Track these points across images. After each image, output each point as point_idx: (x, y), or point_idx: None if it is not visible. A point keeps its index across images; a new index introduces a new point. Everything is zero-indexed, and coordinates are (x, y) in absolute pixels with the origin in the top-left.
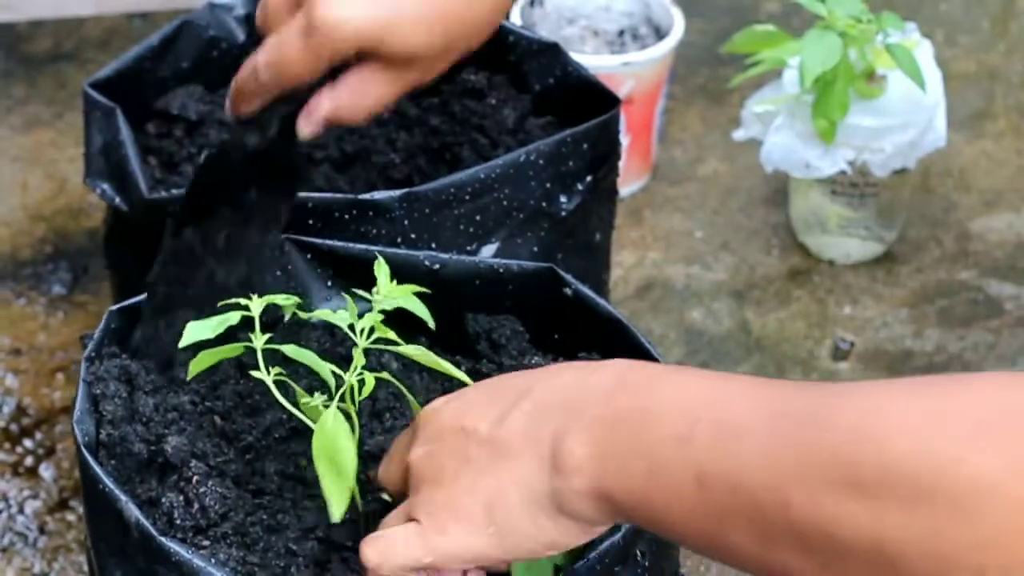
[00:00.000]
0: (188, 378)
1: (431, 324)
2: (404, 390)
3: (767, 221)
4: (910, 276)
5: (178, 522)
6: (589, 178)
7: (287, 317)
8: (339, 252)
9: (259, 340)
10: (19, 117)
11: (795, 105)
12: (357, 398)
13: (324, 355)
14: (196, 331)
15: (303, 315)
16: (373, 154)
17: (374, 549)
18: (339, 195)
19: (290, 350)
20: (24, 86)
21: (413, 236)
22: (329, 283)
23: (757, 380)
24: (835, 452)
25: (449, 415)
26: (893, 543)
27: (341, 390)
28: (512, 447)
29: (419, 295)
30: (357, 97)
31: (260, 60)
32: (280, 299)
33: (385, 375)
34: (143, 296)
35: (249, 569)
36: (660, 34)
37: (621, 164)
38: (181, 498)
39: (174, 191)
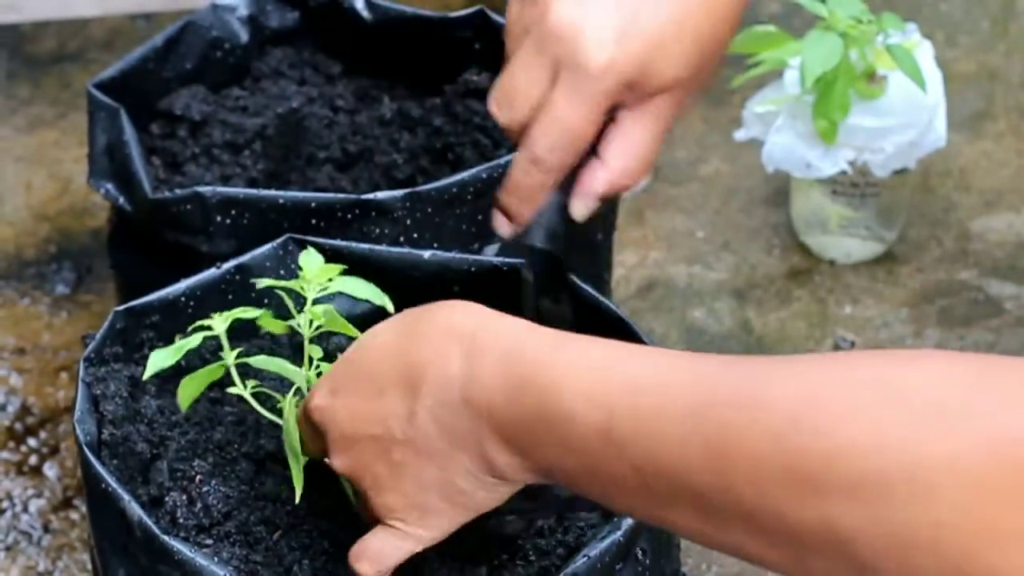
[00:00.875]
0: (184, 409)
1: (388, 305)
2: None
3: (768, 221)
4: (910, 276)
5: (181, 521)
6: None
7: (263, 329)
8: (343, 252)
9: (229, 356)
10: (23, 117)
11: (796, 105)
12: None
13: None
14: (158, 360)
15: (271, 326)
16: (376, 154)
17: (367, 563)
18: (342, 195)
19: (258, 361)
20: (28, 86)
21: (416, 236)
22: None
23: (656, 354)
24: (776, 440)
25: (345, 422)
26: (845, 527)
27: (295, 387)
28: (435, 445)
29: (414, 291)
30: (629, 158)
31: (535, 153)
32: (250, 313)
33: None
34: (150, 296)
35: (252, 568)
36: None
37: None
38: (184, 497)
39: (177, 191)
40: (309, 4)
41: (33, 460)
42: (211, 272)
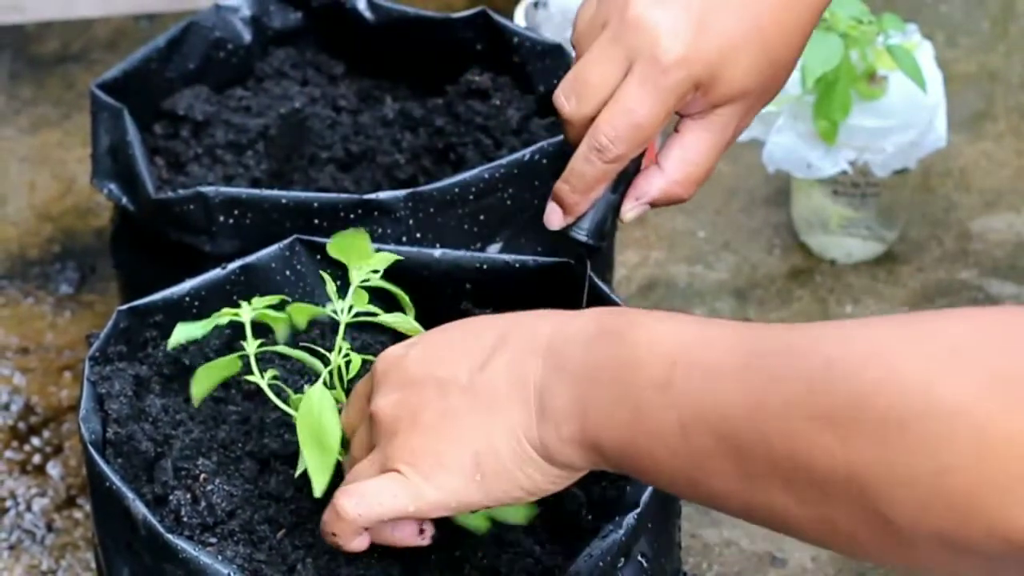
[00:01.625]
0: (196, 404)
1: (408, 305)
2: None
3: (769, 221)
4: (911, 276)
5: (185, 519)
6: None
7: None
8: None
9: (251, 346)
10: (27, 118)
11: (797, 106)
12: (345, 377)
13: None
14: (186, 331)
15: (302, 314)
16: (378, 154)
17: (352, 500)
18: (345, 195)
19: (282, 349)
20: (32, 87)
21: (418, 235)
22: (338, 283)
23: (734, 323)
24: (809, 384)
25: (417, 364)
26: (865, 472)
27: (327, 369)
28: (496, 396)
29: (425, 289)
30: (687, 168)
31: (601, 141)
32: (293, 306)
33: (371, 357)
34: (153, 296)
35: (256, 566)
36: None
37: None
38: (188, 496)
39: (180, 191)
40: (312, 5)
41: (37, 459)
42: (216, 272)
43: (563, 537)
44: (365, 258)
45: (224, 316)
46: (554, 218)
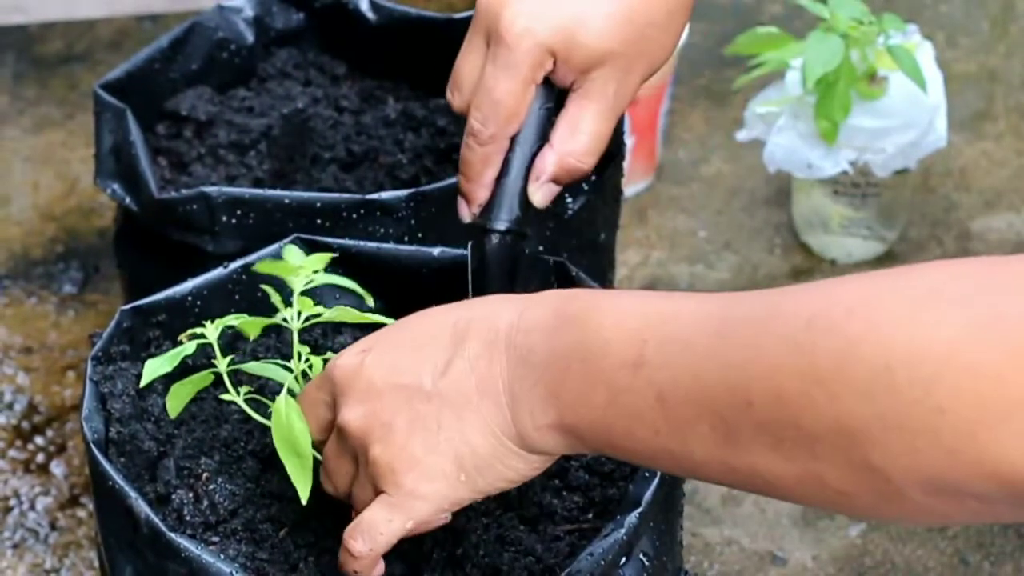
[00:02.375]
0: (172, 416)
1: (367, 298)
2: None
3: (770, 221)
4: None
5: (188, 518)
6: (594, 178)
7: (252, 336)
8: (351, 250)
9: (222, 364)
10: (31, 118)
11: (798, 106)
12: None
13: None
14: (153, 368)
15: (258, 322)
16: (380, 154)
17: (358, 541)
18: (347, 195)
19: (251, 367)
20: (36, 87)
21: (420, 235)
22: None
23: (697, 295)
24: (791, 343)
25: (376, 372)
26: (854, 423)
27: (291, 376)
28: (464, 398)
29: (424, 288)
30: (574, 137)
31: (472, 126)
32: (241, 320)
33: (330, 355)
34: (156, 296)
35: (258, 565)
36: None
37: (626, 164)
38: (191, 495)
39: (183, 191)
40: (314, 5)
41: (40, 458)
42: (218, 271)
43: (565, 535)
44: (293, 271)
45: (190, 344)
46: (462, 210)
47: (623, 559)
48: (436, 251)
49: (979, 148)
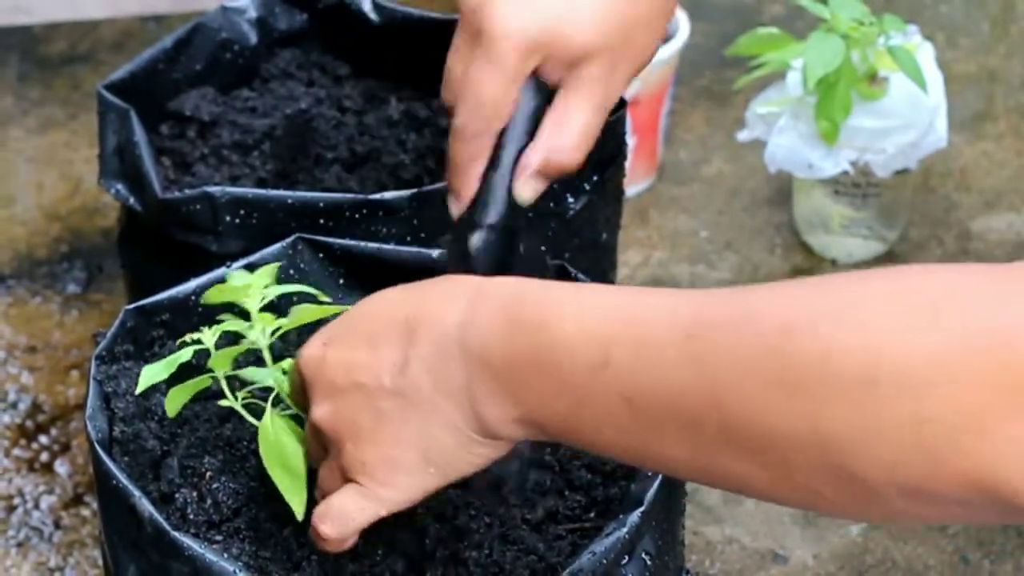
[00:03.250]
0: (172, 416)
1: (316, 293)
2: None
3: (770, 221)
4: None
5: (191, 517)
6: (596, 178)
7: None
8: (351, 251)
9: (220, 369)
10: (35, 118)
11: (798, 106)
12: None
13: None
14: (151, 374)
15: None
16: (383, 155)
17: (327, 523)
18: (350, 195)
19: (248, 373)
20: (39, 88)
21: (423, 235)
22: (341, 281)
23: (663, 291)
24: (767, 350)
25: (337, 369)
26: (836, 433)
27: (272, 395)
28: (424, 396)
29: None
30: (559, 132)
31: (458, 121)
32: (236, 325)
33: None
34: (160, 295)
35: (261, 563)
36: (665, 37)
37: (627, 165)
38: (194, 493)
39: (187, 191)
40: (317, 6)
41: (44, 457)
42: (221, 271)
43: (567, 534)
44: (240, 294)
45: (186, 351)
46: (452, 207)
47: (625, 558)
48: (435, 253)
49: (979, 148)
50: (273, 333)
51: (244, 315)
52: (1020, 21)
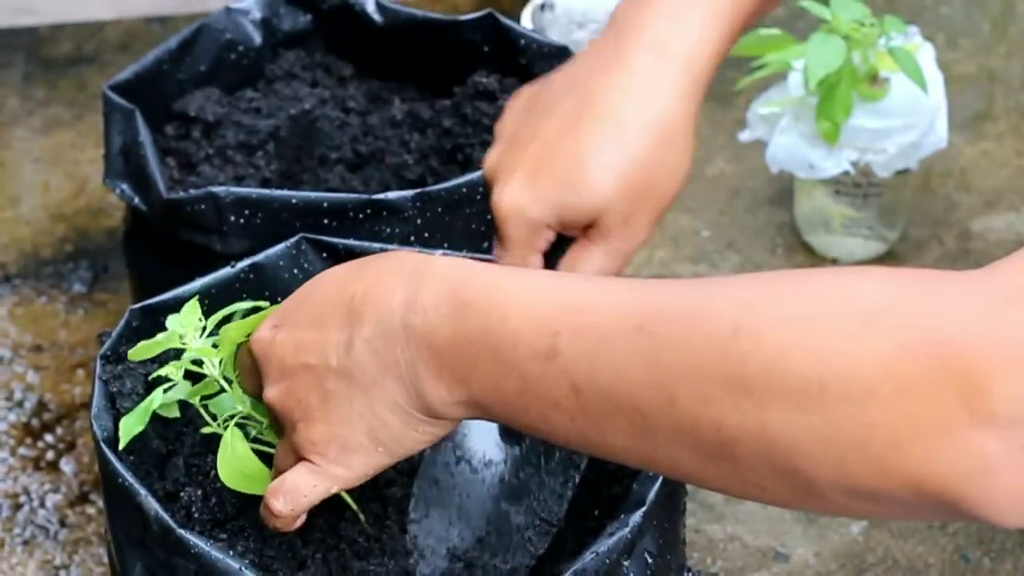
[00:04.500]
0: (122, 447)
1: (265, 306)
2: None
3: (772, 220)
4: None
5: (196, 515)
6: None
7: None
8: (354, 251)
9: (196, 397)
10: (40, 119)
11: (800, 107)
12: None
13: None
14: (129, 426)
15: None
16: (387, 155)
17: (279, 499)
18: (354, 195)
19: (214, 404)
20: (45, 88)
21: (426, 235)
22: None
23: (607, 280)
24: (718, 349)
25: (286, 350)
26: (783, 435)
27: (232, 421)
28: (368, 376)
29: None
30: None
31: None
32: (203, 354)
33: None
34: (165, 295)
35: (266, 561)
36: None
37: None
38: (199, 492)
39: (191, 191)
40: (321, 7)
41: (50, 456)
42: (225, 271)
43: (569, 534)
44: (172, 341)
45: (157, 395)
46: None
47: (627, 557)
48: (438, 254)
49: (979, 148)
50: (223, 362)
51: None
52: (1020, 22)
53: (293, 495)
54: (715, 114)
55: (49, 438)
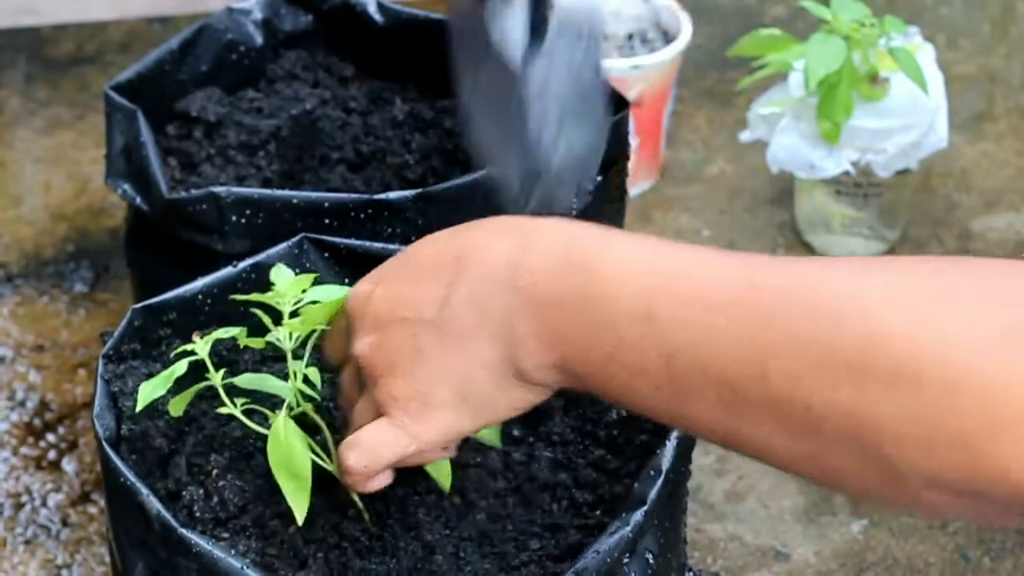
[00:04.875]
0: (174, 415)
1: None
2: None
3: (772, 220)
4: None
5: (198, 515)
6: (599, 178)
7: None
8: (356, 251)
9: (216, 377)
10: (42, 119)
11: (800, 107)
12: (316, 394)
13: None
14: (149, 391)
15: (251, 342)
16: (388, 155)
17: (355, 453)
18: (355, 195)
19: (243, 380)
20: (47, 89)
21: (427, 235)
22: (346, 280)
23: (709, 251)
24: (818, 324)
25: (383, 305)
26: (874, 417)
27: (287, 400)
28: (464, 330)
29: None
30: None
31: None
32: (231, 332)
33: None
34: (167, 295)
35: (268, 560)
36: (668, 38)
37: (630, 165)
38: (201, 491)
39: (193, 191)
40: (322, 8)
41: (52, 455)
42: (227, 270)
43: (570, 533)
44: (280, 297)
45: (181, 363)
46: None
47: (628, 556)
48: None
49: (979, 148)
50: (298, 338)
51: (272, 312)
52: (1020, 22)
53: (369, 450)
54: (715, 114)
55: (51, 437)
